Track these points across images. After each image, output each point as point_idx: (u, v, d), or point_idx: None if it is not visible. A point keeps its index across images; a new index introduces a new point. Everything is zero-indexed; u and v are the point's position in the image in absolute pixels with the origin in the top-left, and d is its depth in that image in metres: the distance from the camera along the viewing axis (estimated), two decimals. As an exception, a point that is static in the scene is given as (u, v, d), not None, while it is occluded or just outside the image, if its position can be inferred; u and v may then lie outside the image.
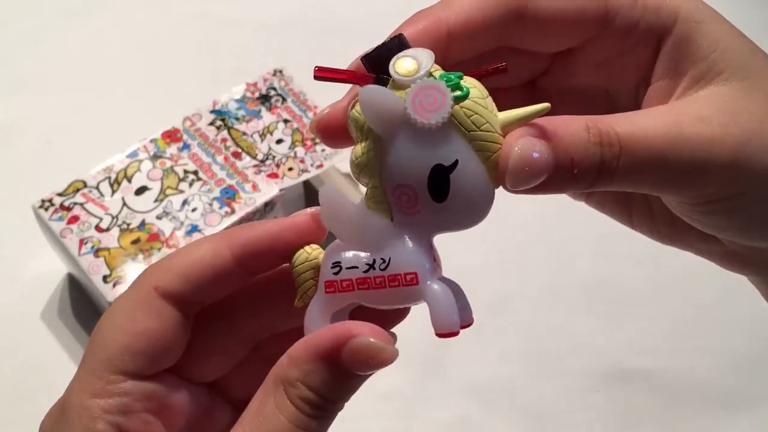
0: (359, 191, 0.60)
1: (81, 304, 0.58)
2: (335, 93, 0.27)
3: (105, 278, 0.49)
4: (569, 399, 0.55)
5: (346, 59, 0.28)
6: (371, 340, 0.24)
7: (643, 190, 0.25)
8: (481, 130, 0.24)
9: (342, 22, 0.74)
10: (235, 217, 0.52)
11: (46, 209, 0.52)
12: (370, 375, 0.25)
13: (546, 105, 0.23)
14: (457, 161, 0.24)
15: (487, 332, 0.58)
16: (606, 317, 0.59)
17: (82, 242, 0.51)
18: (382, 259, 0.25)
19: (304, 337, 0.25)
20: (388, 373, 0.30)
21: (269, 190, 0.54)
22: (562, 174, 0.23)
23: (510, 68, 0.25)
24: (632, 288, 0.60)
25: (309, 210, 0.27)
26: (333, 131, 0.26)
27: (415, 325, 0.29)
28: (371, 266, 0.25)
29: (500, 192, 0.25)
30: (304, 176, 0.55)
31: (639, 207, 0.31)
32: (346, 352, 0.24)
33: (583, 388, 0.56)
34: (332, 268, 0.25)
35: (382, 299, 0.26)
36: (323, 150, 0.56)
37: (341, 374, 0.25)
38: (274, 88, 0.59)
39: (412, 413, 0.54)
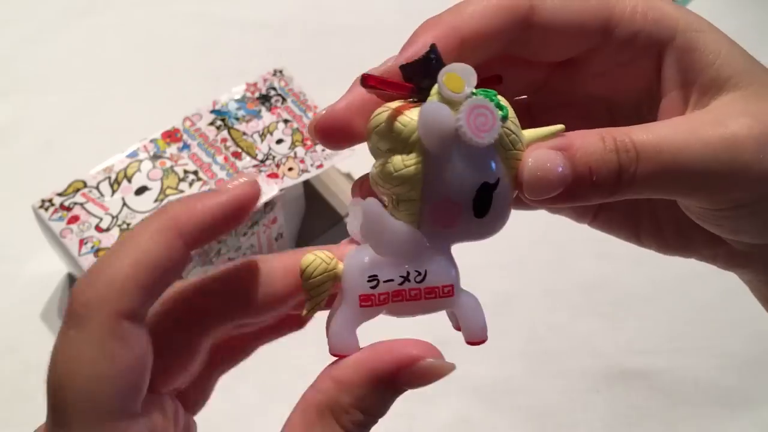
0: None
1: (81, 304, 0.58)
2: (335, 93, 0.27)
3: (105, 278, 0.49)
4: (569, 399, 0.55)
5: (345, 60, 0.28)
6: (432, 361, 0.25)
7: (666, 196, 0.25)
8: (515, 149, 0.25)
9: (342, 23, 0.74)
10: (235, 217, 0.52)
11: (46, 209, 0.52)
12: None
13: (560, 126, 0.24)
14: (499, 179, 0.25)
15: (488, 332, 0.58)
16: (606, 317, 0.59)
17: (82, 242, 0.51)
18: (417, 271, 0.25)
19: (352, 357, 0.25)
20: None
21: (269, 190, 0.54)
22: (582, 183, 0.24)
23: (507, 81, 0.26)
24: (632, 288, 0.60)
25: (244, 179, 0.25)
26: (332, 133, 0.26)
27: (416, 325, 0.29)
28: (406, 279, 0.25)
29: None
30: (304, 176, 0.55)
31: (647, 223, 0.31)
32: (406, 375, 0.24)
33: (583, 388, 0.56)
34: (369, 281, 0.25)
35: (412, 310, 0.26)
36: (323, 150, 0.56)
37: (395, 393, 0.24)
38: (274, 89, 0.59)
39: (412, 413, 0.54)
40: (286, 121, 0.57)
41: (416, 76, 0.25)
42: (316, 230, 0.61)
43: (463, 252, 0.26)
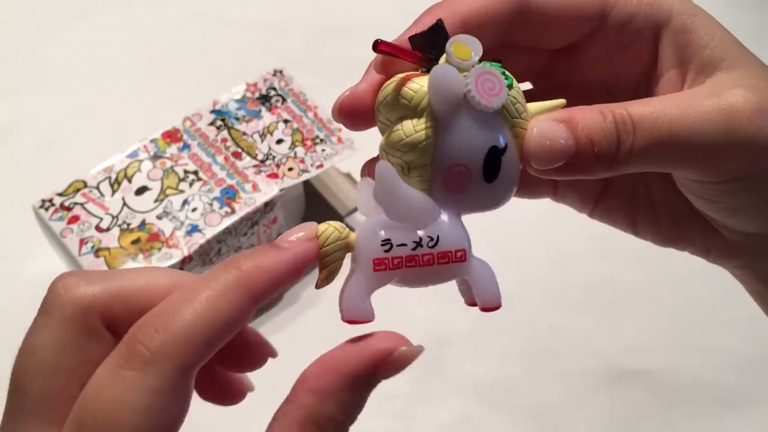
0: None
1: (81, 304, 0.58)
2: (335, 93, 0.27)
3: (105, 278, 0.49)
4: (569, 399, 0.55)
5: (345, 60, 0.28)
6: (404, 349, 0.24)
7: (664, 168, 0.26)
8: (520, 118, 0.25)
9: (342, 23, 0.74)
10: (235, 217, 0.52)
11: (47, 209, 0.52)
12: None
13: (563, 101, 0.25)
14: (507, 145, 0.25)
15: (488, 332, 0.58)
16: (606, 317, 0.59)
17: (82, 242, 0.51)
18: (429, 237, 0.25)
19: (324, 364, 0.24)
20: (389, 373, 0.30)
21: (269, 190, 0.54)
22: (584, 154, 0.25)
23: (508, 66, 0.26)
24: (632, 288, 0.60)
25: (302, 233, 0.25)
26: (355, 113, 0.27)
27: (416, 326, 0.29)
28: (419, 244, 0.25)
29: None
30: (304, 176, 0.55)
31: (644, 212, 0.32)
32: (382, 368, 0.24)
33: (583, 388, 0.56)
34: (383, 245, 0.25)
35: (425, 277, 0.26)
36: (323, 150, 0.56)
37: (372, 388, 0.24)
38: (274, 89, 0.59)
39: (412, 413, 0.54)
40: (286, 121, 0.57)
41: (425, 46, 0.25)
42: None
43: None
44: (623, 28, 0.27)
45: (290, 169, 0.55)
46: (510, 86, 0.25)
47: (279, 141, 0.56)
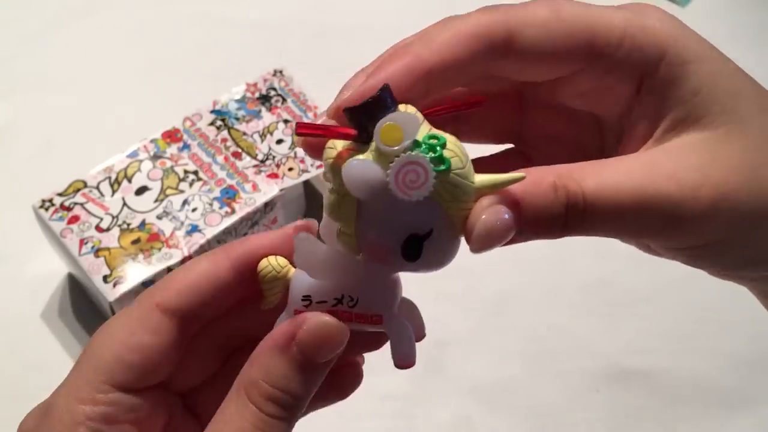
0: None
1: (81, 304, 0.58)
2: (335, 93, 0.27)
3: (105, 278, 0.49)
4: (569, 399, 0.55)
5: (345, 60, 0.28)
6: (325, 319, 0.26)
7: (617, 238, 0.26)
8: (457, 201, 0.24)
9: (342, 23, 0.74)
10: (235, 217, 0.52)
11: (47, 209, 0.52)
12: (329, 364, 0.26)
13: (521, 175, 0.24)
14: (431, 230, 0.24)
15: (488, 332, 0.58)
16: (606, 317, 0.59)
17: (82, 242, 0.51)
18: (350, 297, 0.26)
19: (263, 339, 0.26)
20: (389, 372, 0.30)
21: (269, 190, 0.54)
22: (528, 233, 0.24)
23: (494, 83, 0.26)
24: (632, 288, 0.60)
25: (297, 222, 0.28)
26: (317, 147, 0.26)
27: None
28: (339, 301, 0.27)
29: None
30: (304, 176, 0.55)
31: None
32: (302, 337, 0.25)
33: (583, 388, 0.56)
34: (303, 300, 0.27)
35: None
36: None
37: (300, 363, 0.25)
38: (274, 89, 0.59)
39: (412, 413, 0.54)
40: (286, 121, 0.57)
41: (361, 119, 0.24)
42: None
43: (463, 252, 0.26)
44: (610, 71, 0.26)
45: (290, 169, 0.55)
46: (444, 171, 0.23)
47: (279, 141, 0.56)
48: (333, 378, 0.27)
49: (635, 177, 0.24)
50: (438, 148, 0.24)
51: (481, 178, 0.24)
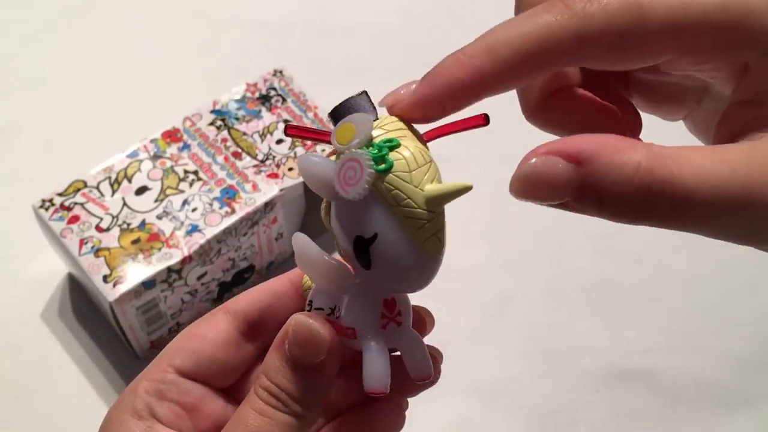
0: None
1: (81, 304, 0.58)
2: (335, 93, 0.27)
3: (105, 278, 0.49)
4: (569, 399, 0.55)
5: (345, 60, 0.28)
6: (303, 321, 0.26)
7: (711, 237, 0.22)
8: (401, 206, 0.24)
9: (342, 23, 0.74)
10: (235, 217, 0.52)
11: (47, 209, 0.52)
12: (322, 369, 0.27)
13: (469, 184, 0.23)
14: (376, 234, 0.24)
15: (488, 332, 0.58)
16: (606, 317, 0.59)
17: (82, 242, 0.51)
18: (338, 307, 0.27)
19: None
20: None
21: (269, 190, 0.54)
22: (586, 203, 0.21)
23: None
24: (632, 288, 0.60)
25: (293, 274, 0.31)
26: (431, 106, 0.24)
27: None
28: (333, 311, 0.27)
29: (502, 192, 0.24)
30: (304, 176, 0.55)
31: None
32: (289, 336, 0.27)
33: (583, 388, 0.56)
34: (307, 305, 0.28)
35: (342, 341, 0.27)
36: (323, 150, 0.56)
37: (291, 361, 0.27)
38: (274, 89, 0.59)
39: (412, 413, 0.54)
40: (286, 121, 0.57)
41: (335, 121, 0.25)
42: (316, 230, 0.61)
43: (464, 252, 0.26)
44: (705, 59, 0.23)
45: (290, 169, 0.55)
46: (384, 171, 0.23)
47: (279, 141, 0.56)
48: (371, 412, 0.30)
49: (739, 174, 0.21)
50: (384, 149, 0.23)
51: (433, 187, 0.23)
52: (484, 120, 0.24)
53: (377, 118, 0.25)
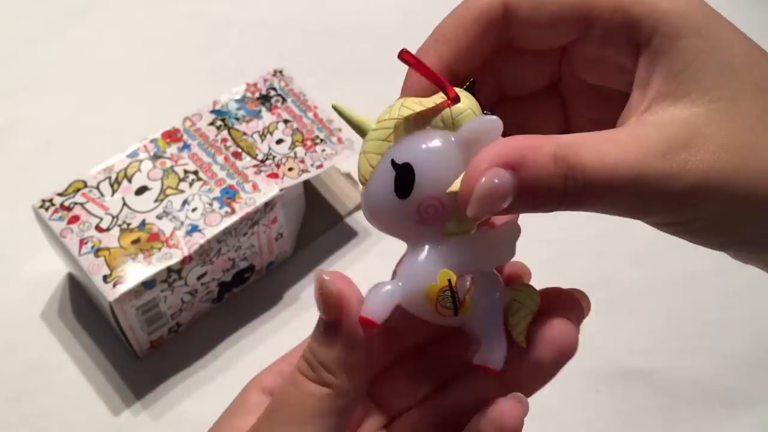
0: (359, 190, 0.59)
1: (81, 304, 0.58)
2: (335, 93, 0.27)
3: (105, 278, 0.49)
4: (569, 399, 0.55)
5: (346, 60, 0.28)
6: (320, 273, 0.27)
7: (607, 213, 0.26)
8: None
9: (342, 23, 0.74)
10: (235, 217, 0.52)
11: (47, 209, 0.52)
12: (343, 333, 0.27)
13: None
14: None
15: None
16: (606, 317, 0.59)
17: (82, 242, 0.51)
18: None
19: None
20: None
21: (269, 190, 0.54)
22: (524, 201, 0.24)
23: (519, 69, 0.29)
24: (632, 288, 0.60)
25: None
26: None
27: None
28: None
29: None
30: (304, 176, 0.55)
31: None
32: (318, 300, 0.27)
33: (583, 388, 0.56)
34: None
35: None
36: (323, 150, 0.56)
37: (321, 327, 0.27)
38: (274, 89, 0.59)
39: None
40: (286, 121, 0.57)
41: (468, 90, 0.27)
42: (316, 230, 0.61)
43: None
44: (606, 41, 0.27)
45: (290, 169, 0.55)
46: None
47: (279, 141, 0.56)
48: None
49: (631, 154, 0.24)
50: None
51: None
52: (452, 100, 0.26)
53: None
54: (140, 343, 0.54)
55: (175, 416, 0.53)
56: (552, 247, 0.62)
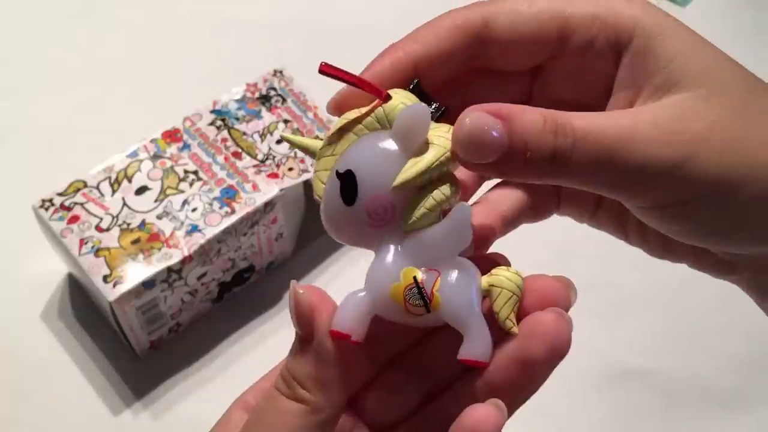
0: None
1: (81, 304, 0.58)
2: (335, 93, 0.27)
3: (105, 278, 0.49)
4: (569, 399, 0.55)
5: (346, 60, 0.28)
6: (293, 283, 0.27)
7: (595, 189, 0.26)
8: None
9: (342, 23, 0.74)
10: (235, 217, 0.52)
11: (47, 209, 0.52)
12: (315, 345, 0.27)
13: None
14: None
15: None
16: (606, 318, 0.59)
17: (82, 242, 0.51)
18: None
19: None
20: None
21: (269, 190, 0.54)
22: (515, 157, 0.24)
23: (490, 90, 0.29)
24: (632, 289, 0.60)
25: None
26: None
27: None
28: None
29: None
30: (304, 176, 0.55)
31: (632, 228, 0.32)
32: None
33: (583, 388, 0.56)
34: None
35: None
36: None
37: (296, 341, 0.27)
38: (274, 89, 0.59)
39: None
40: (286, 121, 0.57)
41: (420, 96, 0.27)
42: (316, 230, 0.61)
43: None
44: (585, 51, 0.27)
45: (290, 169, 0.55)
46: None
47: (279, 141, 0.56)
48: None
49: (621, 121, 0.24)
50: None
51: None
52: (384, 98, 0.26)
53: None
54: (140, 343, 0.54)
55: (175, 416, 0.53)
56: (552, 248, 0.62)
